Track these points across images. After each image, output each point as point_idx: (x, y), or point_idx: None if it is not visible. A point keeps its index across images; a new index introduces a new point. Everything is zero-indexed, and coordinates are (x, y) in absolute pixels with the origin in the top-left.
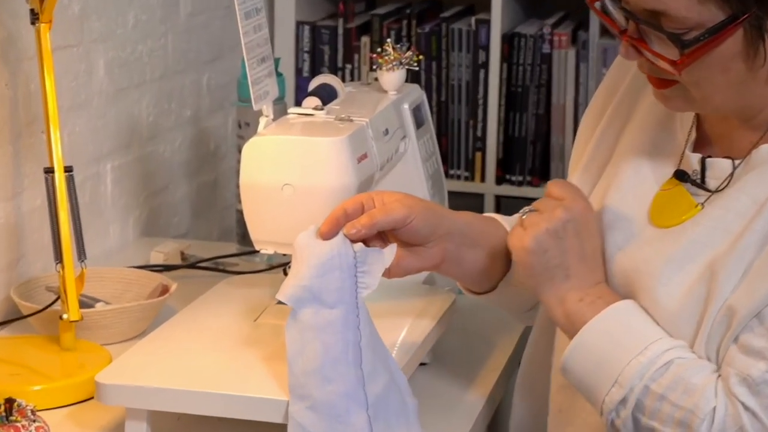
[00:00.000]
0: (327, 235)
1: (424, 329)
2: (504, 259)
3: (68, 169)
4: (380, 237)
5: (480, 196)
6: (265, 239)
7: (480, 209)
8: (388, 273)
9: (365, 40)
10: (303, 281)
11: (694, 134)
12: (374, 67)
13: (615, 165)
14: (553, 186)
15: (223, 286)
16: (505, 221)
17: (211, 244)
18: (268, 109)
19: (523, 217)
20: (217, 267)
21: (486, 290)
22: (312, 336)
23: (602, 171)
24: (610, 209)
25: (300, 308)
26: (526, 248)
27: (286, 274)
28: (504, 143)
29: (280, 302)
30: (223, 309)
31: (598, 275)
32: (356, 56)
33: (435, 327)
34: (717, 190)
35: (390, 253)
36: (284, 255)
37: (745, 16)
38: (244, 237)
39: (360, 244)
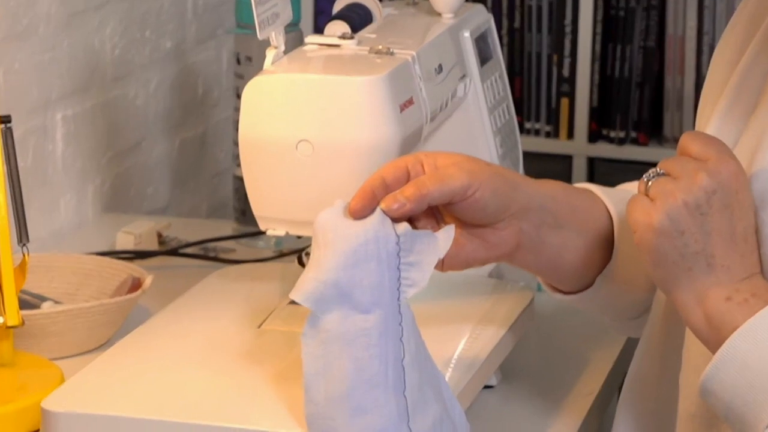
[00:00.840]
0: (359, 212)
1: (489, 340)
2: (603, 246)
3: (4, 120)
4: (432, 215)
5: (567, 159)
6: (272, 216)
7: (567, 177)
8: (443, 265)
9: None
10: (326, 275)
11: None
12: None
13: (767, 112)
14: (690, 140)
15: (215, 280)
16: (605, 195)
17: (200, 222)
18: (277, 37)
19: (649, 183)
20: (207, 254)
21: (577, 288)
22: (338, 350)
23: (747, 121)
24: (764, 173)
25: (322, 312)
26: (655, 227)
27: (302, 264)
28: (600, 87)
29: (293, 302)
30: (215, 311)
31: (751, 264)
32: None
33: (505, 337)
34: None
35: (445, 237)
36: (299, 238)
37: None
38: (243, 213)
39: (405, 225)
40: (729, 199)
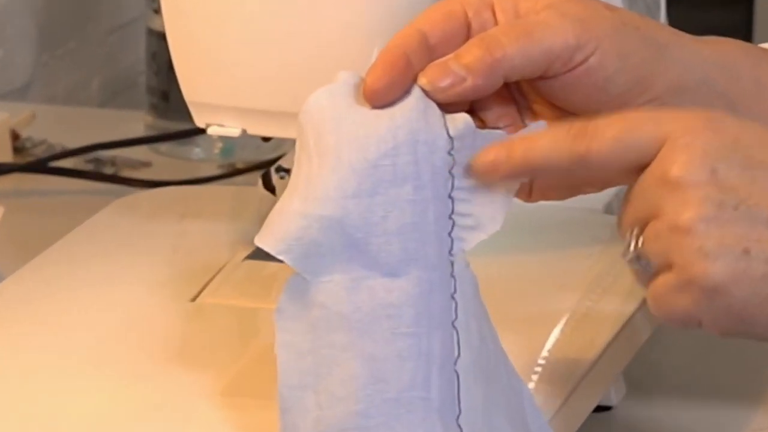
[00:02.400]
0: (383, 94)
1: (605, 326)
2: None
3: None
4: (510, 101)
5: (745, 3)
6: (217, 102)
7: (746, 34)
8: (530, 191)
9: None
10: (322, 207)
11: None
12: None
13: None
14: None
15: (114, 217)
16: None
17: (87, 113)
18: None
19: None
20: (99, 170)
21: None
22: (342, 342)
23: None
24: None
25: (314, 273)
26: (717, 284)
27: (270, 189)
28: None
29: (256, 255)
30: (115, 272)
31: None
32: None
33: (633, 322)
34: None
35: None
36: (265, 141)
37: None
38: (165, 98)
39: (462, 119)
40: (739, 164)
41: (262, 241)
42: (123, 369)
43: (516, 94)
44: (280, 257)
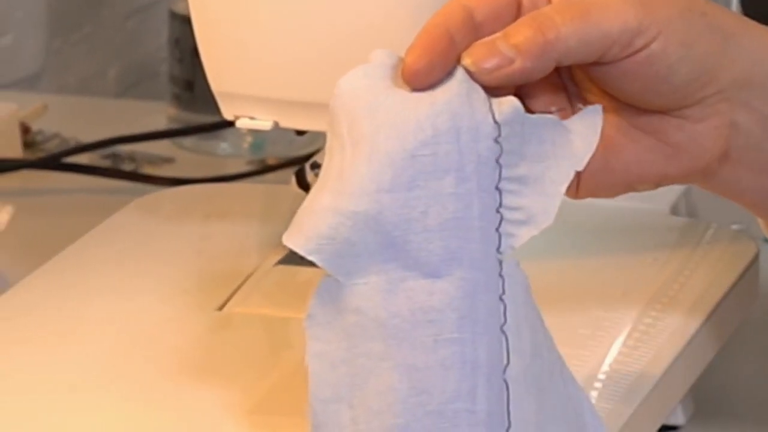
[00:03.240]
0: (423, 75)
1: (673, 337)
2: None
3: None
4: (561, 88)
5: None
6: (246, 92)
7: None
8: (578, 185)
9: None
10: (356, 202)
11: None
12: None
13: None
14: None
15: (134, 217)
16: None
17: (103, 104)
18: None
19: None
20: (117, 166)
21: None
22: (380, 350)
23: None
24: None
25: (348, 275)
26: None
27: (304, 187)
28: None
29: (288, 259)
30: (136, 278)
31: None
32: None
33: (702, 332)
34: None
35: (588, 128)
36: (299, 135)
37: None
38: (189, 88)
39: (510, 103)
40: None
41: (290, 240)
42: (141, 385)
43: (567, 81)
44: (309, 257)
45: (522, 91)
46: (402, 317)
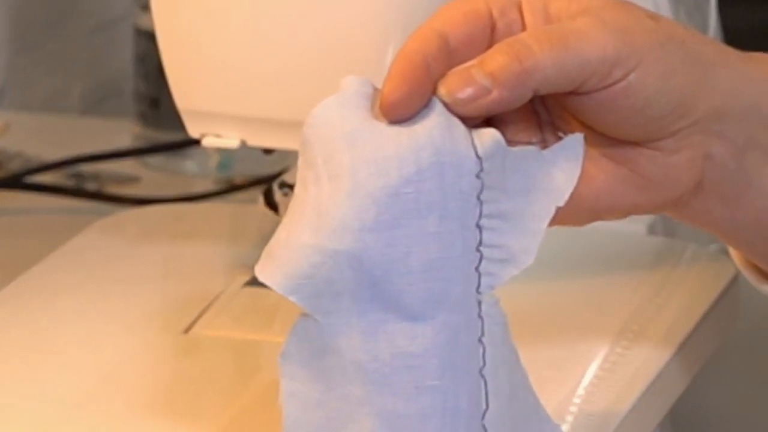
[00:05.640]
0: (402, 106)
1: (649, 362)
2: None
3: None
4: (533, 120)
5: None
6: (212, 110)
7: None
8: (565, 213)
9: None
10: (337, 240)
11: None
12: None
13: None
14: None
15: (97, 238)
16: None
17: (68, 123)
18: None
19: None
20: (81, 186)
21: None
22: (358, 396)
23: None
24: None
25: (326, 314)
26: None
27: (272, 207)
28: None
29: (258, 280)
30: (99, 299)
31: None
32: None
33: (678, 358)
34: None
35: (570, 160)
36: (267, 154)
37: None
38: (155, 105)
39: (490, 135)
40: None
41: (266, 276)
42: (106, 414)
43: (539, 107)
44: (288, 296)
45: (490, 117)
46: (382, 361)
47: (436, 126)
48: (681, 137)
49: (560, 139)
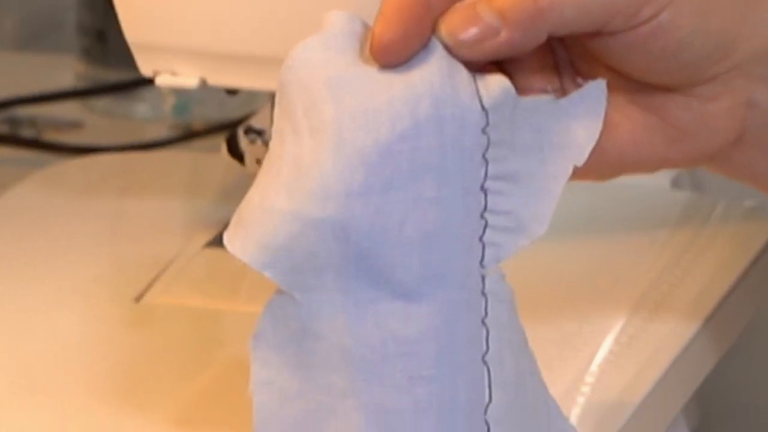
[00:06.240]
0: (395, 49)
1: (670, 338)
2: None
3: None
4: (552, 65)
5: None
6: (167, 44)
7: None
8: (584, 168)
9: None
10: (317, 206)
11: None
12: None
13: None
14: None
15: (35, 192)
16: None
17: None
18: None
19: None
20: (15, 132)
21: None
22: (343, 386)
23: None
24: None
25: (305, 291)
26: None
27: (236, 156)
28: None
29: (220, 238)
30: (39, 263)
31: None
32: None
33: (706, 331)
34: None
35: (591, 109)
36: (230, 94)
37: None
38: (101, 38)
39: (498, 83)
40: None
41: (236, 247)
42: (46, 396)
43: (555, 47)
44: (263, 272)
45: (512, 67)
46: (371, 347)
47: (435, 72)
48: (719, 82)
49: (579, 86)
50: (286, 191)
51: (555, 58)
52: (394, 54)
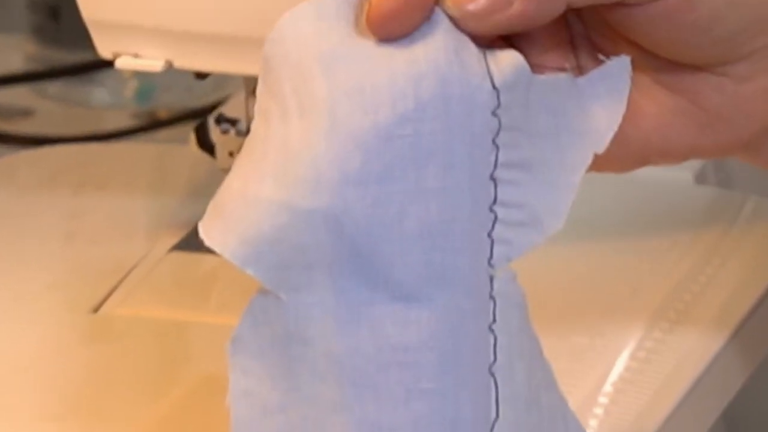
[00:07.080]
0: (397, 19)
1: (696, 348)
2: None
3: None
4: (559, 27)
5: None
6: (130, 20)
7: None
8: (605, 157)
9: None
10: (311, 192)
11: None
12: None
13: None
14: None
15: None
16: None
17: None
18: None
19: None
20: None
21: None
22: (332, 396)
23: None
24: None
25: (293, 290)
26: None
27: (205, 146)
28: None
29: (187, 240)
30: None
31: None
32: None
33: (736, 340)
34: None
35: (615, 89)
36: (199, 78)
37: None
38: (53, 15)
39: (511, 59)
40: None
41: (215, 240)
42: None
43: (573, 21)
44: (245, 268)
45: (515, 36)
46: (365, 355)
47: (440, 47)
48: (756, 60)
49: (600, 63)
50: (273, 178)
51: (570, 33)
52: (393, 26)
